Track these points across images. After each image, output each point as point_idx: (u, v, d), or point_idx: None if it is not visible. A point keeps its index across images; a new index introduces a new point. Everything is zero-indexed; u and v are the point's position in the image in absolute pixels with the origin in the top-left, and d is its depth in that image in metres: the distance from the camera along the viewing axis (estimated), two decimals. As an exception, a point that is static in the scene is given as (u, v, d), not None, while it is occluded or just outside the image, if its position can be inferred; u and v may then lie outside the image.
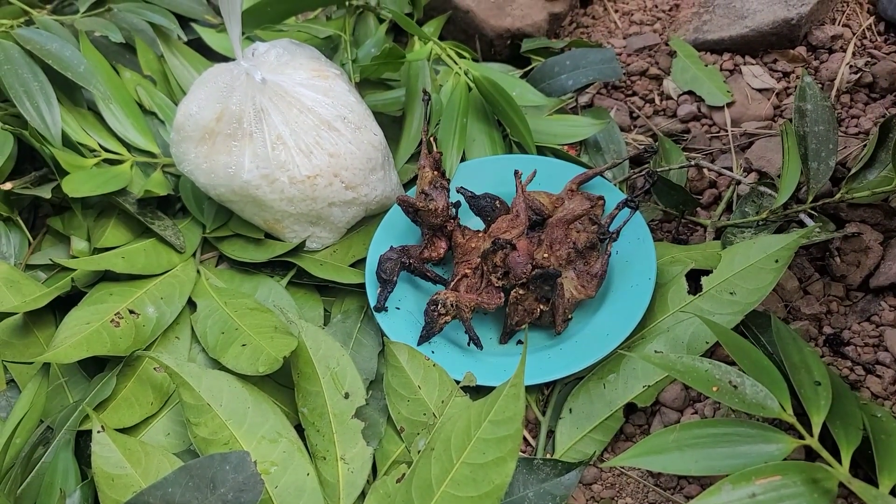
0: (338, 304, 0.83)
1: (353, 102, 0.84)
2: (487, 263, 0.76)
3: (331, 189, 0.82)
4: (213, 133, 0.81)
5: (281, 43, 0.85)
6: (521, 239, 0.77)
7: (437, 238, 0.81)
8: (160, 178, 0.90)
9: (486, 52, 1.08)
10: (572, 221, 0.80)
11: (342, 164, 0.81)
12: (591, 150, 0.96)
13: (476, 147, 0.92)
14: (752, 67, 1.04)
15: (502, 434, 0.60)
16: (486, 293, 0.76)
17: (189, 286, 0.81)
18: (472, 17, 1.07)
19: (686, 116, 1.01)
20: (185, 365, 0.69)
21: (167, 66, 0.98)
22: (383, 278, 0.79)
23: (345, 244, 0.87)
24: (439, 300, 0.74)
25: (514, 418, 0.61)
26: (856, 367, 0.75)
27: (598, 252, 0.79)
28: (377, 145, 0.85)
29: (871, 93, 0.99)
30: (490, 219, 0.81)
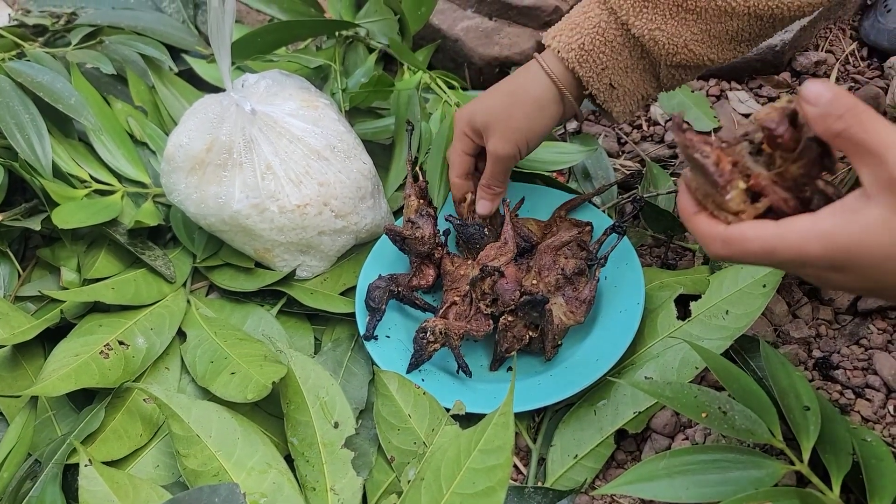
0: (328, 332, 0.83)
1: (342, 132, 0.84)
2: (476, 290, 0.76)
3: (321, 218, 0.82)
4: (203, 163, 0.81)
5: (270, 74, 0.86)
6: (510, 266, 0.78)
7: (426, 266, 0.82)
8: (151, 208, 0.90)
9: (474, 80, 1.09)
10: (560, 248, 0.80)
11: (332, 193, 0.82)
12: (580, 176, 0.96)
13: (465, 174, 0.92)
14: (738, 93, 1.05)
15: (492, 463, 0.60)
16: (475, 320, 0.77)
17: (179, 316, 0.81)
18: (460, 46, 1.08)
19: (674, 142, 1.02)
20: (174, 396, 0.68)
21: (158, 97, 0.99)
22: (372, 307, 0.79)
23: (335, 272, 0.88)
24: (428, 328, 0.74)
25: (504, 447, 0.61)
26: (845, 390, 0.75)
27: (587, 278, 0.79)
28: (367, 174, 0.85)
29: (856, 117, 1.00)
30: (479, 246, 0.81)
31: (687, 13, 0.67)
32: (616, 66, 0.72)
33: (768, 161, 0.49)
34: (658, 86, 0.75)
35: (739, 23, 0.67)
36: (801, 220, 0.46)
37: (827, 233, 0.44)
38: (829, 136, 0.45)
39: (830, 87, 0.44)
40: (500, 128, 0.75)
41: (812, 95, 0.44)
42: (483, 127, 0.76)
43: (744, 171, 0.49)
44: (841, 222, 0.44)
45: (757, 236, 0.47)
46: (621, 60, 0.72)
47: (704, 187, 0.49)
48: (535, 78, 0.74)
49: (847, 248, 0.44)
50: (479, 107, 0.77)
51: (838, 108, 0.43)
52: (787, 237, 0.46)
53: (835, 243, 0.44)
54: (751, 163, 0.49)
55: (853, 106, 0.43)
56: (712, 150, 0.48)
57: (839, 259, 0.45)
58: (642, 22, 0.68)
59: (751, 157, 0.49)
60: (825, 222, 0.45)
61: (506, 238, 0.80)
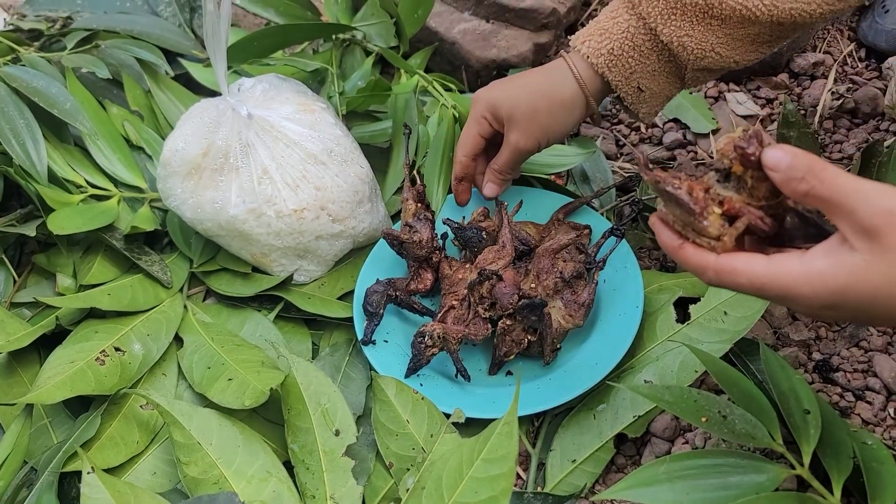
0: (326, 337, 0.83)
1: (339, 135, 0.84)
2: (474, 294, 0.76)
3: (318, 222, 0.82)
4: (199, 168, 0.81)
5: (267, 78, 0.86)
6: (508, 269, 0.77)
7: (424, 270, 0.81)
8: (147, 213, 0.90)
9: (472, 82, 1.09)
10: (559, 251, 0.80)
11: (329, 198, 0.82)
12: (578, 178, 0.96)
13: (463, 178, 0.92)
14: (737, 94, 1.05)
15: (495, 473, 0.60)
16: (474, 324, 0.76)
17: (176, 322, 0.80)
18: (457, 49, 1.08)
19: (672, 144, 1.02)
20: (175, 403, 0.68)
21: (154, 101, 0.98)
22: (370, 311, 0.78)
23: (333, 277, 0.87)
24: (426, 332, 0.74)
25: (508, 457, 0.60)
26: (845, 393, 0.75)
27: (586, 281, 0.79)
28: (364, 178, 0.85)
29: (854, 118, 1.00)
30: (476, 250, 0.81)
31: (712, 19, 0.68)
32: (644, 70, 0.74)
33: (737, 186, 0.52)
34: (681, 86, 0.77)
35: (761, 28, 0.68)
36: (790, 261, 0.48)
37: (817, 276, 0.47)
38: (797, 197, 0.48)
39: (788, 151, 0.48)
40: (524, 123, 0.76)
41: (772, 162, 0.48)
42: (507, 118, 0.77)
43: (716, 197, 0.51)
44: (829, 267, 0.47)
45: (747, 271, 0.50)
46: (649, 65, 0.73)
47: (682, 217, 0.52)
48: (563, 80, 0.76)
49: (836, 291, 0.47)
50: (504, 96, 0.78)
51: (798, 171, 0.47)
52: (778, 277, 0.48)
53: (825, 286, 0.47)
54: (721, 189, 0.52)
55: (811, 166, 0.47)
56: (682, 182, 0.51)
57: (829, 300, 0.47)
58: (671, 29, 0.70)
59: (720, 185, 0.52)
60: (814, 265, 0.47)
61: (503, 242, 0.79)
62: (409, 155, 0.90)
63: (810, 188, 0.47)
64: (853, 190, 0.45)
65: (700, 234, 0.52)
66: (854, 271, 0.46)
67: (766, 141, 0.50)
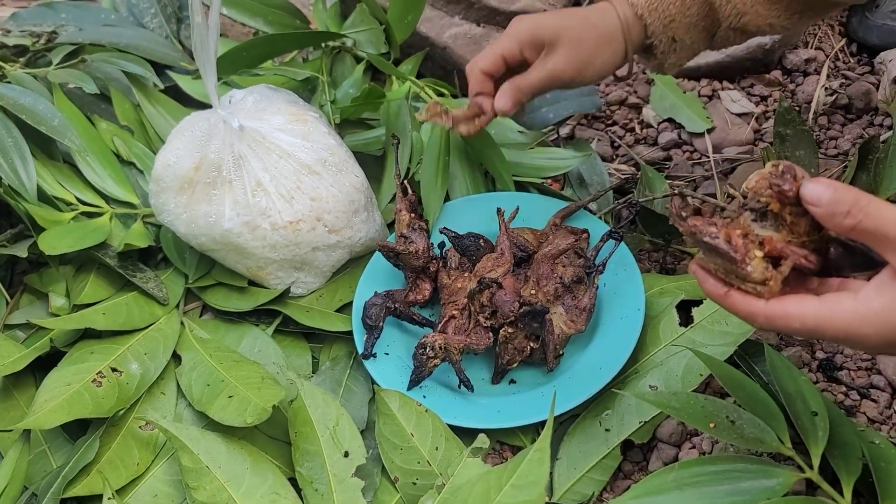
0: (326, 350, 0.82)
1: (332, 145, 0.83)
2: (474, 303, 0.75)
3: (314, 233, 0.81)
4: (192, 182, 0.80)
5: (257, 89, 0.85)
6: (507, 277, 0.77)
7: (421, 280, 0.81)
8: (140, 229, 0.89)
9: (464, 87, 1.08)
10: (558, 256, 0.79)
11: (324, 208, 0.81)
12: (575, 182, 0.95)
13: (457, 185, 0.91)
14: (731, 92, 1.05)
15: (524, 499, 0.60)
16: (475, 334, 0.75)
17: (173, 339, 0.79)
18: (449, 54, 1.07)
19: (667, 144, 1.02)
20: (183, 428, 0.67)
21: (144, 115, 0.97)
22: (369, 325, 0.77)
23: (331, 288, 0.86)
24: (427, 343, 0.73)
25: (538, 482, 0.60)
26: (850, 391, 0.74)
27: (586, 286, 0.78)
28: (359, 187, 0.84)
29: (848, 114, 1.00)
30: (475, 258, 0.80)
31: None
32: (682, 21, 0.74)
33: (775, 224, 0.51)
34: (710, 45, 0.78)
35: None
36: (844, 302, 0.48)
37: (877, 315, 0.47)
38: (842, 232, 0.48)
39: (828, 185, 0.47)
40: (569, 49, 0.75)
41: (814, 197, 0.47)
42: (550, 41, 0.75)
43: (755, 239, 0.50)
44: (888, 304, 0.46)
45: (801, 315, 0.49)
46: (688, 16, 0.74)
47: (724, 265, 0.51)
48: (606, 16, 0.75)
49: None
50: (551, 21, 0.76)
51: (842, 206, 0.46)
52: (834, 319, 0.48)
53: (887, 324, 0.46)
54: (759, 230, 0.51)
55: (856, 200, 0.46)
56: (719, 229, 0.50)
57: (890, 336, 0.47)
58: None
59: (757, 224, 0.51)
60: (872, 305, 0.47)
61: (502, 249, 0.79)
62: (401, 164, 0.89)
63: (857, 223, 0.46)
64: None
65: (745, 280, 0.50)
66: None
67: (800, 174, 0.49)
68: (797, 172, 0.49)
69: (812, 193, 0.48)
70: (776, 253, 0.50)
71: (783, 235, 0.51)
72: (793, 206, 0.49)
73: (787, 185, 0.49)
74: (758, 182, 0.51)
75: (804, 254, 0.50)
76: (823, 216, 0.48)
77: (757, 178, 0.51)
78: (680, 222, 0.52)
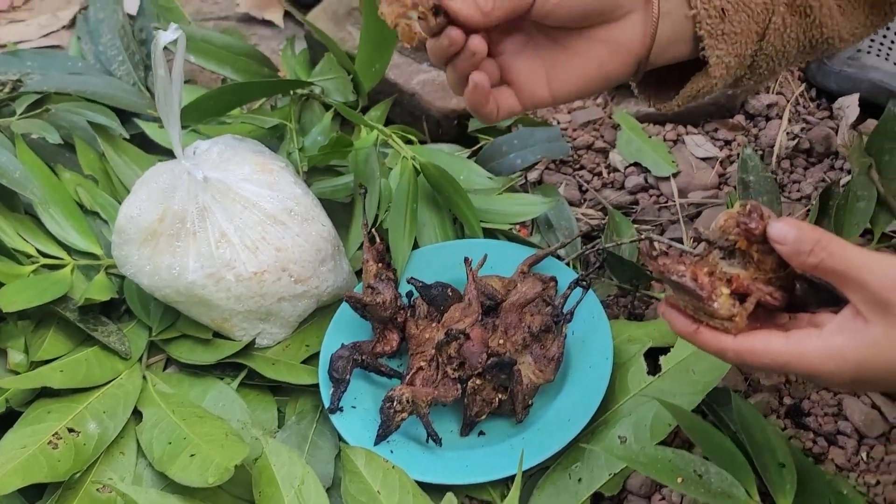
0: (292, 403, 0.80)
1: (299, 194, 0.83)
2: (442, 355, 0.74)
3: (279, 284, 0.80)
4: (155, 234, 0.79)
5: (223, 139, 0.84)
6: (475, 327, 0.76)
7: (389, 331, 0.80)
8: (103, 280, 0.87)
9: (433, 132, 1.09)
10: (525, 305, 0.79)
11: (290, 258, 0.80)
12: (543, 227, 0.96)
13: (426, 232, 0.91)
14: (695, 137, 1.06)
15: None
16: (443, 385, 0.75)
17: (134, 395, 0.77)
18: (417, 100, 1.08)
19: (634, 188, 1.02)
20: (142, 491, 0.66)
21: (109, 165, 0.96)
22: (335, 378, 0.76)
23: (298, 338, 0.85)
24: (395, 397, 0.72)
25: None
26: (818, 437, 0.74)
27: (554, 334, 0.78)
28: (326, 236, 0.83)
29: (809, 157, 1.02)
30: (443, 308, 0.80)
31: None
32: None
33: (743, 262, 0.53)
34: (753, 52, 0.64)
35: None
36: (809, 339, 0.50)
37: (838, 353, 0.48)
38: (806, 270, 0.49)
39: (793, 224, 0.49)
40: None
41: (779, 236, 0.49)
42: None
43: (723, 276, 0.53)
44: (848, 342, 0.48)
45: (767, 351, 0.51)
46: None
47: (692, 303, 0.53)
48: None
49: (858, 366, 0.48)
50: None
51: (806, 245, 0.48)
52: (800, 355, 0.50)
53: (847, 362, 0.48)
54: (727, 267, 0.53)
55: (818, 239, 0.48)
56: (687, 268, 0.53)
57: (852, 375, 0.48)
58: None
59: (725, 262, 0.53)
60: (833, 342, 0.48)
61: (469, 299, 0.78)
62: (369, 213, 0.89)
63: (819, 261, 0.48)
64: (862, 264, 0.47)
65: (713, 316, 0.52)
66: (871, 344, 0.47)
67: (766, 214, 0.51)
68: (764, 212, 0.51)
69: (778, 232, 0.49)
70: (743, 290, 0.53)
71: (750, 273, 0.53)
72: (760, 244, 0.52)
73: (755, 223, 0.51)
74: (726, 221, 0.53)
75: (769, 290, 0.52)
76: (788, 254, 0.49)
77: (725, 217, 0.53)
78: (650, 262, 0.54)
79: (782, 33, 0.63)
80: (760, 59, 0.65)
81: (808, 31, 0.65)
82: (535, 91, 0.65)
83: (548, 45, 0.65)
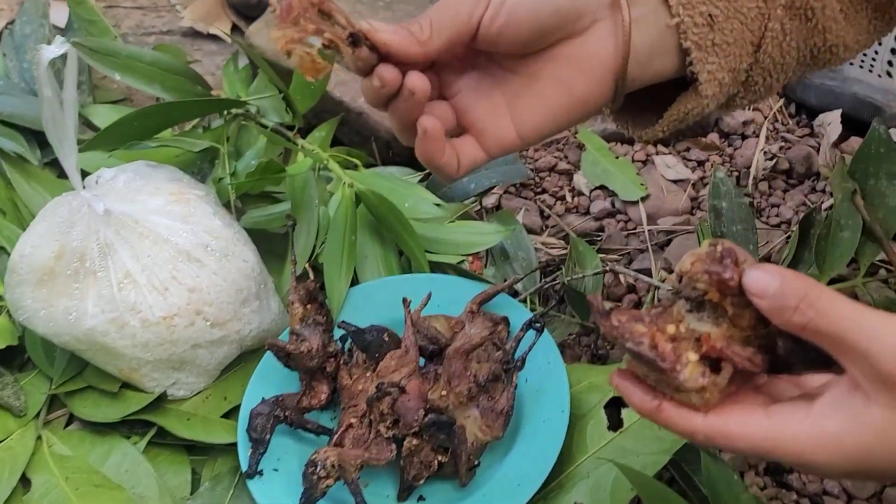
0: (210, 464, 0.71)
1: (217, 227, 0.74)
2: (374, 411, 0.65)
3: (193, 329, 0.71)
4: (52, 274, 0.70)
5: (133, 166, 0.75)
6: (412, 378, 0.67)
7: (318, 382, 0.71)
8: (5, 323, 0.78)
9: (383, 154, 1.00)
10: (472, 350, 0.70)
11: (205, 300, 0.71)
12: (499, 259, 0.87)
13: (368, 267, 0.82)
14: (666, 157, 0.98)
15: None
16: (375, 446, 0.65)
17: (24, 459, 0.68)
18: (365, 119, 0.99)
19: (599, 213, 0.94)
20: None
21: (17, 195, 0.87)
22: (254, 438, 0.67)
23: (220, 387, 0.76)
24: (318, 461, 0.63)
25: None
26: (802, 499, 0.66)
27: (504, 384, 0.69)
28: (249, 273, 0.74)
29: (789, 179, 0.94)
30: (378, 355, 0.70)
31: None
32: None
33: (714, 316, 0.43)
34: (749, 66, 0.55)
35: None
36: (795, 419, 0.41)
37: (832, 440, 0.39)
38: (792, 330, 0.40)
39: (774, 274, 0.40)
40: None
41: (758, 289, 0.40)
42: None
43: (690, 336, 0.42)
44: (845, 426, 0.39)
45: (745, 435, 0.41)
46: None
47: (653, 374, 0.43)
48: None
49: (857, 456, 0.39)
50: None
51: (790, 300, 0.39)
52: (784, 441, 0.40)
53: (844, 452, 0.39)
54: (696, 322, 0.43)
55: (805, 293, 0.39)
56: (647, 328, 0.42)
57: (850, 467, 0.39)
58: None
59: (693, 316, 0.43)
60: (827, 426, 0.39)
61: (407, 345, 0.69)
62: (304, 246, 0.80)
63: (807, 321, 0.39)
64: (863, 328, 0.37)
65: (678, 390, 0.42)
66: (875, 431, 0.38)
67: (742, 258, 0.41)
68: (739, 256, 0.41)
69: (756, 284, 0.40)
70: (715, 354, 0.42)
71: (724, 330, 0.42)
72: (734, 296, 0.42)
73: (728, 272, 0.41)
74: (693, 266, 0.42)
75: (747, 354, 0.42)
76: (769, 311, 0.40)
77: (692, 261, 0.43)
78: (601, 321, 0.44)
79: (781, 42, 0.54)
80: (756, 74, 0.55)
81: (809, 37, 0.55)
82: (500, 134, 0.56)
83: (507, 78, 0.55)
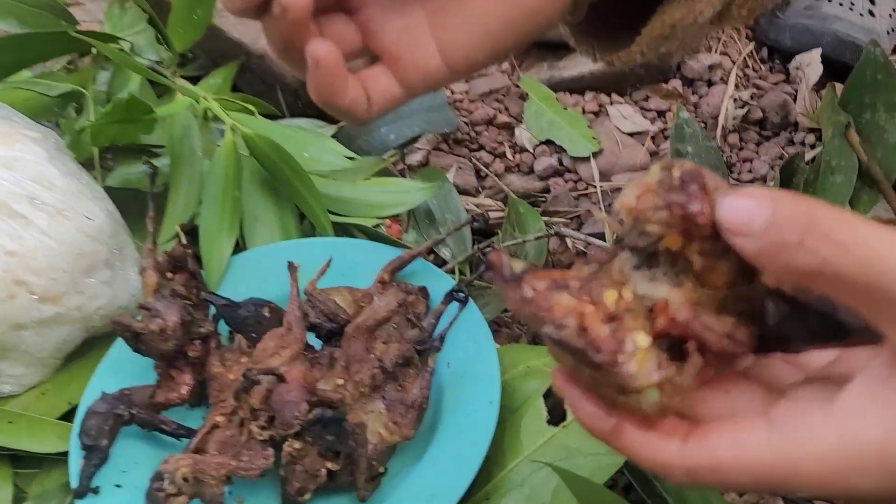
0: (40, 478, 0.55)
1: (52, 175, 0.58)
2: (243, 406, 0.50)
3: (13, 304, 0.54)
4: None
5: (-57, 100, 0.59)
6: (296, 364, 0.52)
7: (178, 371, 0.55)
8: None
9: (291, 104, 0.85)
10: (376, 327, 0.55)
11: (29, 266, 0.55)
12: (423, 222, 0.73)
13: (260, 231, 0.67)
14: (621, 107, 0.85)
15: None
16: (247, 452, 0.50)
17: None
18: (268, 64, 0.84)
19: (545, 172, 0.80)
20: None
21: None
22: (87, 444, 0.51)
23: (62, 380, 0.60)
24: (165, 473, 0.48)
25: None
26: (789, 506, 0.53)
27: (418, 369, 0.55)
28: (95, 234, 0.58)
29: (763, 130, 0.82)
30: (255, 335, 0.55)
31: None
32: None
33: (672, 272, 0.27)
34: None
35: None
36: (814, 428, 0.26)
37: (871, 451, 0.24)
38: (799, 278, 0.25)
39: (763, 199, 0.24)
40: None
41: (740, 222, 0.25)
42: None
43: (638, 306, 0.27)
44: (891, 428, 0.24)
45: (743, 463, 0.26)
46: None
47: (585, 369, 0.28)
48: None
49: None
50: None
51: (790, 233, 0.24)
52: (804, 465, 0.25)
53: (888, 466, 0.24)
54: (645, 285, 0.28)
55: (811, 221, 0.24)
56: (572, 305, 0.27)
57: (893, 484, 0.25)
58: None
59: (642, 275, 0.28)
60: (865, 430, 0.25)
61: (289, 322, 0.54)
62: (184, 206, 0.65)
63: (820, 262, 0.23)
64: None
65: (622, 391, 0.27)
66: None
67: (713, 184, 0.26)
68: (708, 181, 0.26)
69: (737, 216, 0.25)
70: (676, 331, 0.27)
71: (687, 293, 0.27)
72: (703, 239, 0.26)
73: (695, 203, 0.25)
74: (641, 199, 0.27)
75: (725, 329, 0.27)
76: (760, 254, 0.25)
77: (639, 193, 0.27)
78: (509, 291, 0.28)
79: None
80: None
81: None
82: (421, 61, 0.41)
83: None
